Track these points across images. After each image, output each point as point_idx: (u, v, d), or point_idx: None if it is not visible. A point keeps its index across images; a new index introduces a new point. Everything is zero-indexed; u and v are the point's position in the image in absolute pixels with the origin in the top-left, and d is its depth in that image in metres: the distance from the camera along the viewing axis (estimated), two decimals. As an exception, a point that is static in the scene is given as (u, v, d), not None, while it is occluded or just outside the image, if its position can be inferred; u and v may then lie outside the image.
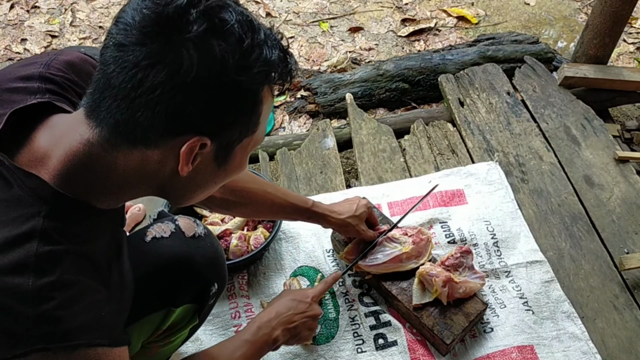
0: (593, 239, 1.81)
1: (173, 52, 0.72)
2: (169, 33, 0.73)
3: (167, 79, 0.73)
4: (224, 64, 0.74)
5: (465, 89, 2.30)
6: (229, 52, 0.74)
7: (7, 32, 2.79)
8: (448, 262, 1.55)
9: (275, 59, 0.80)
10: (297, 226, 1.76)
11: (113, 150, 0.79)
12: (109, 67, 0.75)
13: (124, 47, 0.74)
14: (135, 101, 0.74)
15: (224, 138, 0.82)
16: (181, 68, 0.73)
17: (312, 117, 2.42)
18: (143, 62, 0.73)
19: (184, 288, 1.12)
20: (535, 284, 1.65)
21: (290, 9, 2.99)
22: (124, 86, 0.74)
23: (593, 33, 2.29)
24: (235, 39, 0.75)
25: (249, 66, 0.77)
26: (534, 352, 1.52)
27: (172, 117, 0.76)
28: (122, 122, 0.76)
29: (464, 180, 1.92)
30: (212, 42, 0.73)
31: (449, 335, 1.46)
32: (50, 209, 0.79)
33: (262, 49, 0.78)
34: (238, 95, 0.78)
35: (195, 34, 0.73)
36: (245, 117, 0.82)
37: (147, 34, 0.73)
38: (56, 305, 0.76)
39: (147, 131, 0.77)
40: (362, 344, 1.53)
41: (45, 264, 0.76)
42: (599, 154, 2.05)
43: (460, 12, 3.00)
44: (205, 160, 0.83)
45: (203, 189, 0.91)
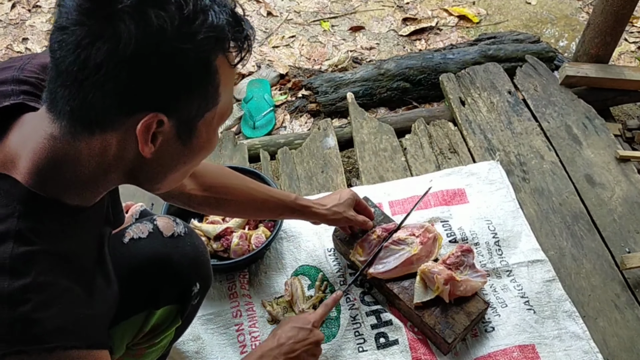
0: (594, 238, 1.81)
1: (111, 26, 0.70)
2: (104, 7, 0.71)
3: (108, 55, 0.71)
4: (162, 33, 0.72)
5: (466, 88, 2.30)
6: (167, 20, 0.71)
7: (8, 32, 2.79)
8: (449, 260, 1.55)
9: (223, 24, 0.76)
10: (298, 225, 1.76)
11: (75, 141, 0.78)
12: (55, 53, 0.74)
13: (65, 29, 0.72)
14: (83, 84, 0.73)
15: (182, 113, 0.79)
16: (120, 42, 0.70)
17: (313, 116, 2.42)
18: (83, 40, 0.71)
19: (164, 289, 1.10)
20: (537, 283, 1.65)
21: (291, 8, 2.99)
22: (70, 69, 0.72)
23: (594, 32, 2.29)
24: (174, 6, 0.72)
25: (193, 33, 0.73)
26: (535, 351, 1.52)
27: (122, 95, 0.74)
28: (76, 108, 0.75)
29: (465, 180, 1.92)
30: (148, 12, 0.71)
31: (450, 334, 1.46)
32: (24, 209, 0.77)
33: (207, 14, 0.75)
34: (186, 65, 0.75)
35: (129, 4, 0.70)
36: (201, 88, 0.79)
37: (84, 12, 0.71)
38: (32, 307, 0.74)
39: (100, 114, 0.75)
40: (363, 343, 1.53)
41: (21, 265, 0.75)
42: (600, 153, 2.05)
43: (462, 11, 3.00)
44: (168, 139, 0.80)
45: (173, 170, 0.88)
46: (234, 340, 1.55)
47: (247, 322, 1.58)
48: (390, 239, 1.60)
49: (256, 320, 1.58)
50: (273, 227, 1.70)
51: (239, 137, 2.30)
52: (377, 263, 1.57)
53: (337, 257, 1.70)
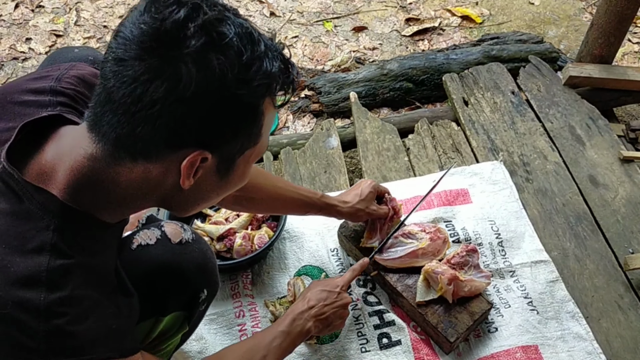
0: (598, 238, 1.80)
1: (172, 67, 0.72)
2: (167, 48, 0.73)
3: (166, 94, 0.73)
4: (223, 78, 0.74)
5: (469, 89, 2.30)
6: (228, 66, 0.74)
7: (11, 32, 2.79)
8: (454, 260, 1.55)
9: (276, 71, 0.79)
10: (300, 225, 1.76)
11: (116, 165, 0.79)
12: (109, 81, 0.75)
13: (123, 61, 0.74)
14: (135, 116, 0.74)
15: (225, 151, 0.82)
16: (180, 83, 0.73)
17: (316, 116, 2.42)
18: (142, 77, 0.73)
19: (171, 296, 1.10)
20: (540, 283, 1.65)
21: (294, 9, 2.99)
22: (124, 101, 0.74)
23: (598, 32, 2.28)
24: (234, 52, 0.75)
25: (249, 79, 0.76)
26: (538, 352, 1.51)
27: (173, 131, 0.76)
28: (123, 136, 0.76)
29: (468, 180, 1.91)
30: (210, 57, 0.73)
31: (452, 334, 1.46)
32: (59, 222, 0.79)
33: (263, 61, 0.78)
34: (238, 108, 0.78)
35: (194, 49, 0.72)
36: (247, 129, 0.82)
37: (145, 48, 0.73)
38: (68, 320, 0.77)
39: (148, 145, 0.77)
40: (366, 344, 1.53)
41: (57, 278, 0.77)
42: (604, 154, 2.05)
43: (465, 11, 3.00)
44: (207, 172, 0.83)
45: (206, 201, 0.91)
46: (236, 340, 1.55)
47: (250, 322, 1.58)
48: (401, 230, 1.61)
49: (259, 320, 1.58)
50: (276, 227, 1.70)
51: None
52: (383, 252, 1.57)
53: (340, 257, 1.70)
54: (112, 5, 2.96)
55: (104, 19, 2.89)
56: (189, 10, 0.73)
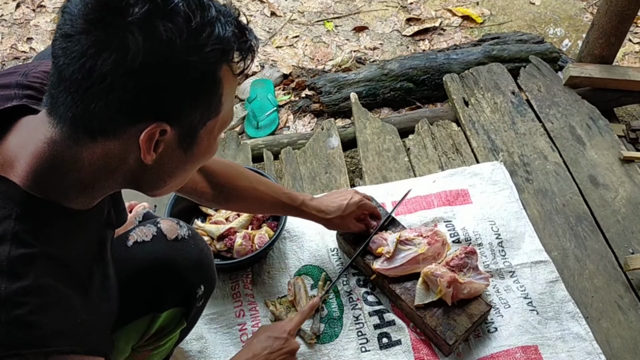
0: (598, 239, 1.80)
1: (118, 37, 0.71)
2: (112, 18, 0.71)
3: (115, 66, 0.71)
4: (171, 46, 0.72)
5: (470, 89, 2.30)
6: (176, 33, 0.72)
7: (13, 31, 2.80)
8: (453, 262, 1.55)
9: (229, 36, 0.77)
10: (301, 225, 1.76)
11: (76, 146, 0.78)
12: (59, 59, 0.73)
13: (70, 37, 0.72)
14: (87, 92, 0.73)
15: (184, 122, 0.80)
16: (128, 53, 0.71)
17: (316, 116, 2.42)
18: (89, 50, 0.71)
19: (168, 292, 1.10)
20: (540, 284, 1.65)
21: (295, 8, 2.99)
22: (74, 77, 0.72)
23: (598, 33, 2.28)
24: (182, 18, 0.72)
25: (200, 45, 0.74)
26: (538, 352, 1.52)
27: (126, 104, 0.74)
28: (78, 115, 0.75)
29: (468, 180, 1.92)
30: (156, 24, 0.71)
31: (451, 336, 1.46)
32: (22, 211, 0.77)
33: (214, 26, 0.75)
34: (192, 76, 0.76)
35: (138, 17, 0.70)
36: (205, 98, 0.80)
37: (90, 21, 0.71)
38: (30, 310, 0.74)
39: (103, 122, 0.75)
40: (366, 343, 1.54)
41: (18, 267, 0.75)
42: (604, 154, 2.05)
43: (465, 11, 3.00)
44: (170, 146, 0.81)
45: (173, 177, 0.89)
46: (236, 340, 1.55)
47: (250, 322, 1.58)
48: (376, 231, 1.61)
49: (259, 320, 1.59)
50: (276, 227, 1.71)
51: (243, 137, 2.30)
52: (383, 260, 1.57)
53: (340, 257, 1.70)
54: (113, 5, 2.96)
55: (105, 18, 2.89)
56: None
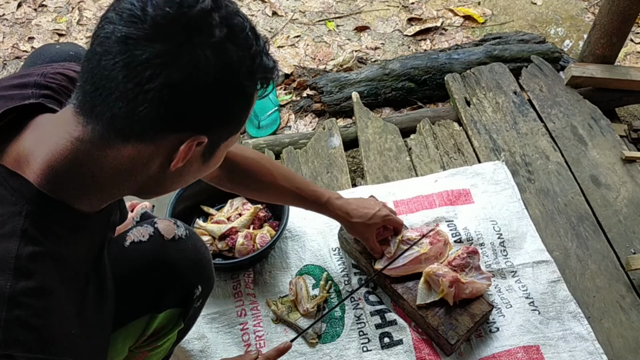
0: (599, 239, 1.80)
1: (190, 54, 0.73)
2: (190, 34, 0.73)
3: (180, 80, 0.73)
4: (237, 70, 0.77)
5: (471, 89, 2.30)
6: (243, 59, 0.77)
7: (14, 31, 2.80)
8: (455, 262, 1.55)
9: (272, 67, 0.82)
10: (302, 225, 1.76)
11: (104, 147, 0.78)
12: (107, 60, 0.73)
13: (130, 40, 0.72)
14: (138, 97, 0.73)
15: (217, 136, 0.84)
16: (197, 71, 0.73)
17: (318, 116, 2.42)
18: (155, 59, 0.72)
19: (165, 293, 1.09)
20: (542, 284, 1.65)
21: (296, 8, 2.99)
22: (126, 81, 0.72)
23: (600, 32, 2.28)
24: (247, 45, 0.77)
25: (254, 72, 0.79)
26: (539, 352, 1.51)
27: (176, 115, 0.76)
28: (119, 116, 0.75)
29: (470, 180, 1.91)
30: (229, 48, 0.75)
31: (453, 336, 1.46)
32: (32, 208, 0.78)
33: (263, 56, 0.81)
34: (241, 98, 0.81)
35: (215, 40, 0.74)
36: (239, 116, 0.84)
37: (163, 32, 0.72)
38: (31, 312, 0.74)
39: (145, 126, 0.76)
40: (367, 343, 1.54)
41: (25, 265, 0.75)
42: (606, 154, 2.04)
43: (467, 11, 3.00)
44: (195, 156, 0.84)
45: (182, 183, 0.92)
46: (238, 340, 1.55)
47: (252, 322, 1.58)
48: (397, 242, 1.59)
49: (261, 319, 1.59)
50: (278, 226, 1.71)
51: (244, 136, 2.30)
52: (385, 260, 1.57)
53: (342, 257, 1.70)
54: (115, 5, 2.96)
55: (107, 18, 2.89)
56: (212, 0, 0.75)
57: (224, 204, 1.81)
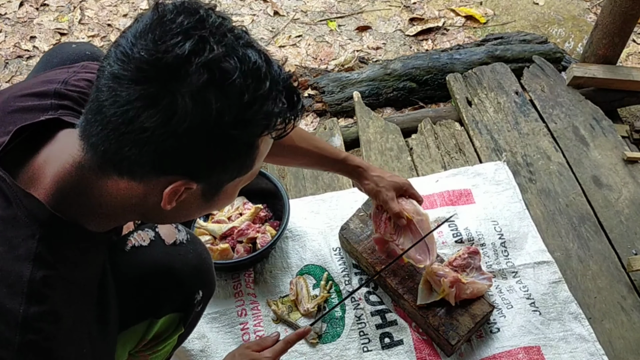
0: (601, 239, 1.80)
1: (168, 99, 0.70)
2: (166, 80, 0.70)
3: (157, 125, 0.71)
4: (219, 119, 0.72)
5: (473, 89, 2.29)
6: (227, 108, 0.71)
7: (16, 30, 2.80)
8: (456, 262, 1.55)
9: (277, 111, 0.76)
10: (303, 225, 1.76)
11: (103, 177, 0.78)
12: (102, 94, 0.73)
13: (119, 79, 0.71)
14: (124, 136, 0.72)
15: (213, 180, 0.80)
16: (174, 116, 0.70)
17: (319, 115, 2.42)
18: (136, 102, 0.70)
19: (165, 298, 1.08)
20: (543, 284, 1.64)
21: (298, 8, 2.99)
22: (115, 119, 0.72)
23: (602, 33, 2.28)
24: (236, 92, 0.72)
25: (246, 120, 0.74)
26: (540, 353, 1.51)
27: (160, 158, 0.74)
28: (110, 152, 0.74)
29: (471, 180, 1.91)
30: (209, 96, 0.70)
31: (454, 336, 1.46)
32: (45, 231, 0.78)
33: (265, 101, 0.74)
34: (232, 147, 0.76)
35: (193, 87, 0.70)
36: (239, 163, 0.80)
37: (142, 75, 0.70)
38: (43, 336, 0.75)
39: (133, 166, 0.75)
40: (368, 343, 1.53)
41: (38, 290, 0.76)
42: (608, 155, 2.04)
43: (469, 11, 2.99)
44: (192, 197, 0.82)
45: (186, 217, 0.91)
46: (238, 339, 1.55)
47: (252, 321, 1.58)
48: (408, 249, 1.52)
49: (261, 319, 1.59)
50: (278, 226, 1.71)
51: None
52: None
53: (343, 257, 1.70)
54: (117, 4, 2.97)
55: (108, 17, 2.89)
56: (194, 44, 0.70)
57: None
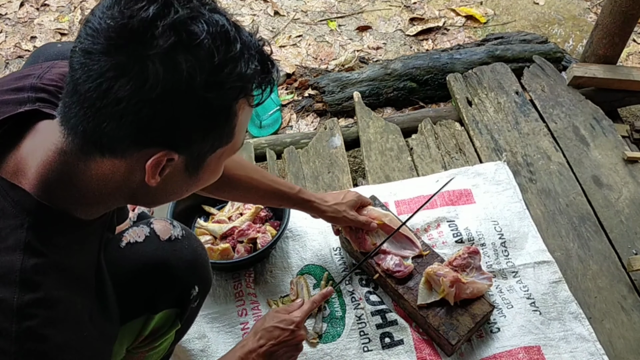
0: (601, 239, 1.80)
1: (138, 65, 0.70)
2: (134, 46, 0.70)
3: (131, 93, 0.70)
4: (191, 81, 0.71)
5: (473, 89, 2.29)
6: (197, 69, 0.71)
7: (17, 30, 2.80)
8: (456, 262, 1.55)
9: (250, 73, 0.76)
10: (304, 224, 1.76)
11: (85, 159, 0.78)
12: (76, 72, 0.73)
13: (90, 54, 0.71)
14: (100, 111, 0.72)
15: (194, 150, 0.80)
16: (146, 83, 0.70)
17: (319, 115, 2.42)
18: (108, 73, 0.70)
19: (161, 293, 1.08)
20: (543, 284, 1.64)
21: (298, 8, 2.99)
22: (89, 95, 0.72)
23: (602, 33, 2.28)
24: (205, 53, 0.72)
25: (220, 82, 0.73)
26: (540, 352, 1.51)
27: (138, 130, 0.74)
28: (89, 130, 0.74)
29: (471, 180, 1.91)
30: (179, 58, 0.70)
31: (454, 336, 1.46)
32: (33, 220, 0.78)
33: (237, 63, 0.74)
34: (208, 111, 0.76)
35: (161, 49, 0.70)
36: (218, 130, 0.79)
37: (112, 44, 0.70)
38: (40, 322, 0.75)
39: (113, 141, 0.75)
40: (368, 343, 1.53)
41: (30, 278, 0.76)
42: (608, 154, 2.04)
43: (469, 11, 2.99)
44: (175, 170, 0.81)
45: (174, 196, 0.90)
46: (239, 339, 1.55)
47: (253, 321, 1.58)
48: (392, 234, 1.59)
49: (261, 319, 1.59)
50: (279, 226, 1.71)
51: (246, 136, 2.30)
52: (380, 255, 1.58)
53: (343, 256, 1.70)
54: (117, 4, 2.97)
55: (109, 17, 2.89)
56: (158, 7, 0.70)
57: (225, 203, 1.81)
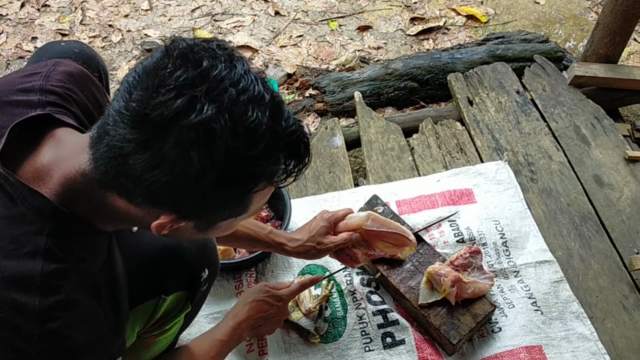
0: (602, 239, 1.80)
1: (156, 147, 0.71)
2: (154, 132, 0.71)
3: (147, 168, 0.72)
4: (200, 178, 0.72)
5: (474, 88, 2.29)
6: (208, 167, 0.71)
7: (17, 31, 2.80)
8: (457, 262, 1.55)
9: (274, 167, 0.76)
10: (305, 225, 1.76)
11: (104, 190, 0.79)
12: (109, 120, 0.74)
13: (121, 115, 0.73)
14: (121, 167, 0.74)
15: (203, 219, 0.82)
16: (160, 165, 0.71)
17: (320, 115, 2.42)
18: (131, 142, 0.72)
19: (173, 276, 1.12)
20: (544, 284, 1.64)
21: (299, 8, 2.99)
22: (115, 150, 0.74)
23: (603, 32, 2.28)
24: (221, 153, 0.71)
25: (234, 177, 0.74)
26: (542, 352, 1.51)
27: (150, 193, 0.75)
28: (109, 175, 0.76)
29: (472, 180, 1.91)
30: (192, 154, 0.70)
31: (455, 336, 1.46)
32: (53, 226, 0.80)
33: (256, 162, 0.74)
34: (215, 200, 0.76)
35: (178, 142, 0.70)
36: (230, 207, 0.80)
37: (135, 121, 0.72)
38: (61, 324, 0.78)
39: (128, 193, 0.77)
40: (369, 343, 1.53)
41: (51, 282, 0.78)
42: (609, 154, 2.04)
43: (470, 10, 2.99)
44: (185, 228, 0.83)
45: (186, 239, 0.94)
46: (240, 339, 1.55)
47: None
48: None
49: (263, 319, 1.58)
50: (280, 226, 1.71)
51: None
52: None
53: (344, 257, 1.70)
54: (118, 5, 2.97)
55: (110, 18, 2.90)
56: (184, 103, 0.70)
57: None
